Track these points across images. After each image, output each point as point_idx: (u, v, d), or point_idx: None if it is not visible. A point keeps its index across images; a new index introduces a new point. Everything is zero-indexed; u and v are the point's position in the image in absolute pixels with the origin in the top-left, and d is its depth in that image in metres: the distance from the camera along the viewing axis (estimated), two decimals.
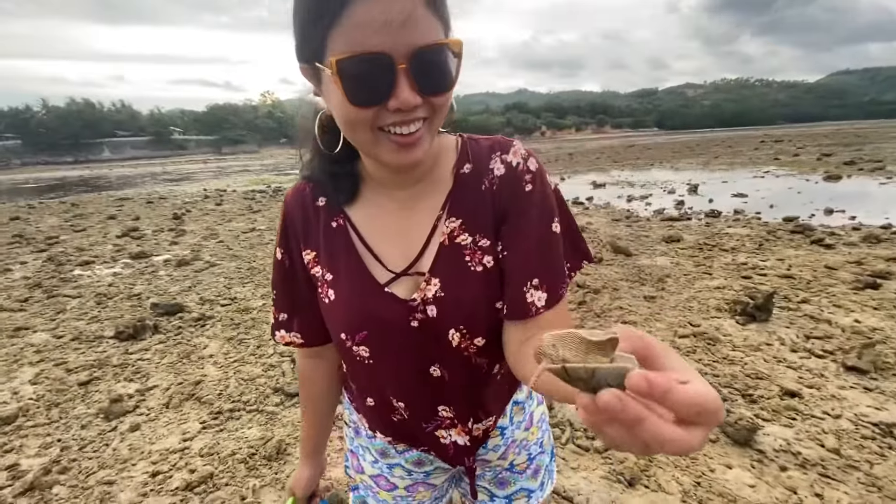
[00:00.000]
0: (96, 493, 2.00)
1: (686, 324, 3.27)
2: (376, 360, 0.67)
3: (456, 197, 0.66)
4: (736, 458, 1.96)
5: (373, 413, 0.77)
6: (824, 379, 2.53)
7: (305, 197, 0.71)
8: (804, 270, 4.29)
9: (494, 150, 0.67)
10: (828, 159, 15.46)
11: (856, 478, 1.84)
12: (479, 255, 0.64)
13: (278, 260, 0.74)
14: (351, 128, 0.56)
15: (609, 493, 1.81)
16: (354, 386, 0.77)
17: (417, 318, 0.64)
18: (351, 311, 0.66)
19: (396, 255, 0.66)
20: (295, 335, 0.77)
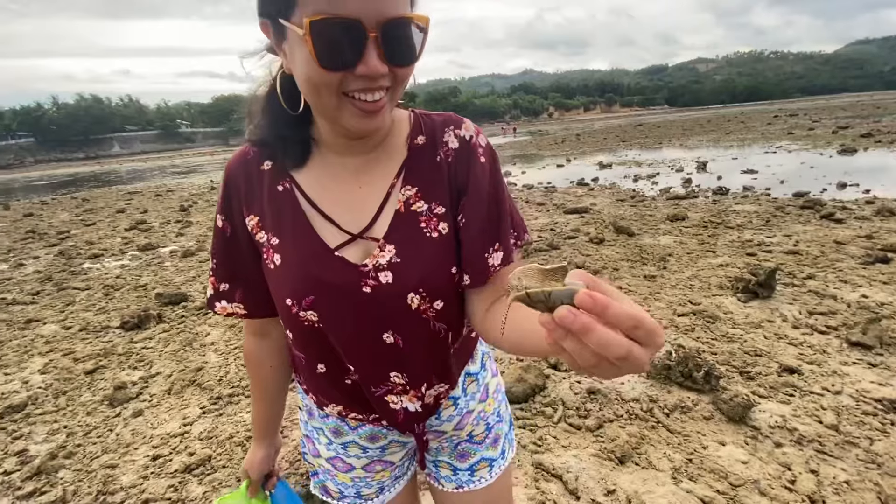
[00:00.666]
0: (99, 476, 2.05)
1: (686, 302, 3.22)
2: (326, 325, 0.66)
3: (411, 166, 0.67)
4: (730, 435, 1.94)
5: (324, 381, 0.75)
6: (826, 355, 2.48)
7: (249, 161, 0.70)
8: (811, 246, 4.19)
9: (447, 124, 0.70)
10: (844, 132, 15.00)
11: (854, 454, 1.81)
12: (435, 222, 0.66)
13: (218, 227, 0.72)
14: (315, 90, 0.55)
15: (599, 470, 1.81)
16: (304, 355, 0.73)
17: (369, 285, 0.64)
18: (297, 274, 0.64)
19: (347, 220, 0.66)
20: (237, 306, 0.74)
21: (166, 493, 1.92)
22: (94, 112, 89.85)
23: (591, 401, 2.25)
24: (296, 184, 0.67)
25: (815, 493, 1.63)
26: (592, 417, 2.12)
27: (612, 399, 2.24)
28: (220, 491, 1.91)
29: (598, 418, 2.11)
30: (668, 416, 2.10)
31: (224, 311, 0.75)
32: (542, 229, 5.73)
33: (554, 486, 1.77)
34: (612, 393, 2.28)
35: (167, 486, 1.95)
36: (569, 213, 6.53)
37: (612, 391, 2.30)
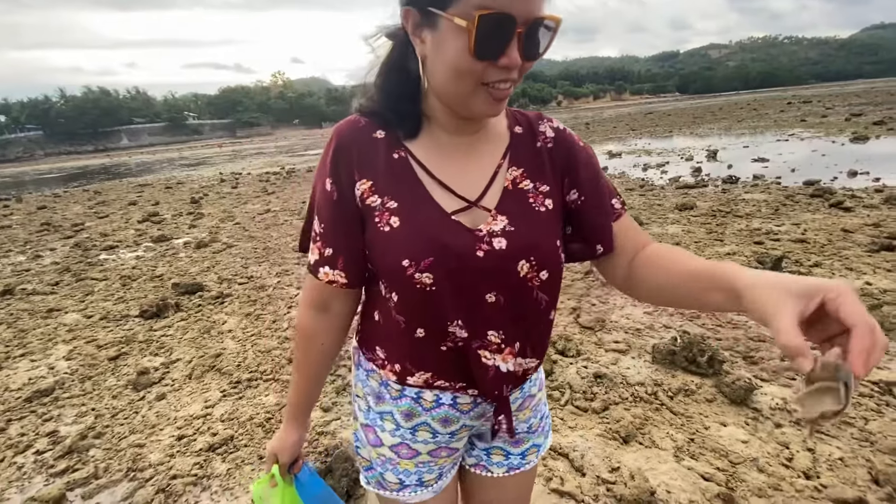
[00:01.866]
0: (128, 454, 2.17)
1: None
2: (439, 286, 0.67)
3: (515, 150, 0.75)
4: (731, 417, 2.01)
5: (420, 346, 0.73)
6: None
7: (361, 129, 0.72)
8: (819, 234, 4.20)
9: (540, 118, 0.79)
10: (857, 120, 14.74)
11: (850, 433, 1.88)
12: (541, 199, 0.73)
13: (327, 191, 0.71)
14: (459, 76, 0.61)
15: (604, 449, 1.89)
16: (404, 318, 0.72)
17: (483, 249, 0.68)
18: (419, 236, 0.67)
19: (462, 188, 0.71)
20: (339, 273, 0.74)
21: (192, 469, 2.03)
22: (102, 104, 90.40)
23: (598, 384, 2.32)
24: (410, 153, 0.71)
25: (810, 470, 1.70)
26: (598, 400, 2.19)
27: (617, 383, 2.31)
28: (242, 468, 2.02)
29: (604, 401, 2.18)
30: (672, 399, 2.16)
31: (326, 277, 0.74)
32: None
33: (561, 464, 1.85)
34: (617, 377, 2.35)
35: (193, 464, 2.06)
36: None
37: (618, 376, 2.37)
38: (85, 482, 2.02)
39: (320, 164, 0.74)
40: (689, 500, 1.62)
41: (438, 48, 0.61)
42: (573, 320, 2.99)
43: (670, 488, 1.67)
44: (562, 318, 3.07)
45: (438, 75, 0.64)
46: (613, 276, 0.79)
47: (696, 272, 0.63)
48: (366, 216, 0.71)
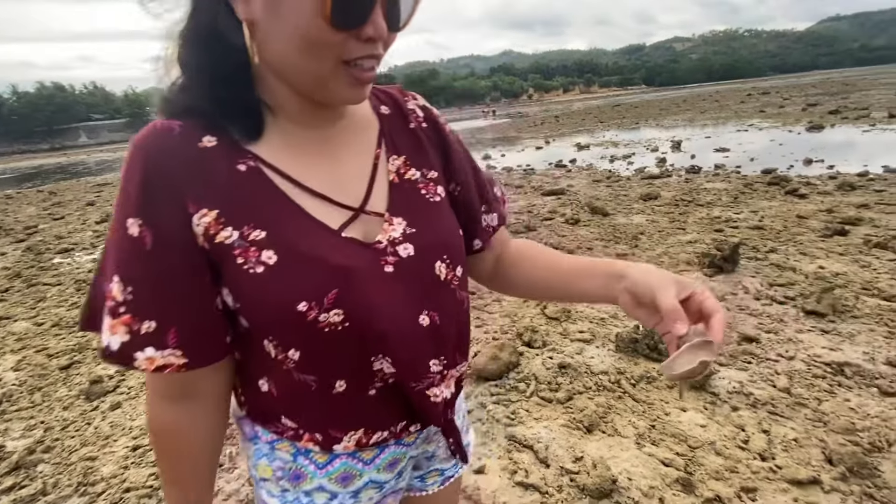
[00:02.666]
0: (79, 468, 2.06)
1: None
2: (355, 323, 0.54)
3: (389, 135, 0.64)
4: (691, 402, 2.06)
5: (343, 402, 0.59)
6: (783, 324, 2.62)
7: (177, 139, 0.51)
8: (775, 221, 4.36)
9: (404, 95, 0.69)
10: (812, 110, 15.39)
11: (803, 414, 1.95)
12: (433, 187, 0.64)
13: (131, 238, 0.50)
14: (310, 51, 0.48)
15: (568, 439, 1.90)
16: (316, 377, 0.57)
17: (391, 262, 0.57)
18: (313, 268, 0.52)
19: (339, 194, 0.57)
20: (172, 354, 0.52)
21: (147, 481, 1.94)
22: (58, 100, 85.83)
23: (562, 375, 2.34)
24: (262, 160, 0.54)
25: (765, 451, 1.75)
26: (563, 390, 2.21)
27: (581, 373, 2.33)
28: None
29: (569, 391, 2.20)
30: (634, 387, 2.20)
31: (152, 364, 0.51)
32: (520, 212, 5.80)
33: (526, 455, 1.86)
34: (581, 367, 2.38)
35: (148, 475, 1.98)
36: (546, 194, 6.61)
37: (583, 365, 2.39)
38: (32, 499, 1.91)
39: (120, 201, 0.51)
40: (649, 487, 1.64)
41: (276, 10, 0.47)
42: (540, 311, 3.01)
43: (632, 475, 1.70)
44: (529, 309, 3.09)
45: (279, 47, 0.49)
46: (480, 271, 0.75)
47: (573, 262, 0.69)
48: (220, 260, 0.52)
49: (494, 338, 2.76)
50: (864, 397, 2.00)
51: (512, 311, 3.11)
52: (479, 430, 2.04)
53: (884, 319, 2.55)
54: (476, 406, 2.19)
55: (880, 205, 4.48)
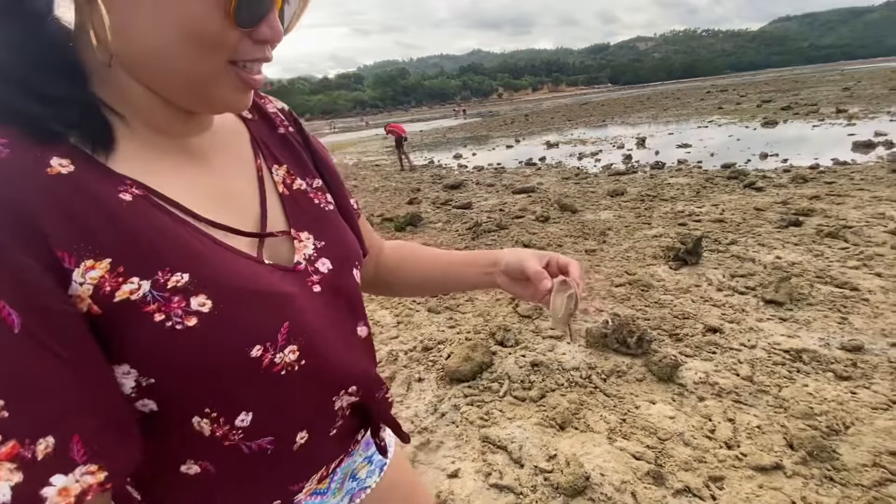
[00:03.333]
0: None
1: (623, 273, 3.39)
2: (309, 358, 0.48)
3: (263, 143, 0.58)
4: (659, 394, 2.09)
5: (303, 453, 0.53)
6: (744, 314, 2.70)
7: (14, 165, 0.36)
8: (735, 213, 4.51)
9: (260, 97, 0.63)
10: (767, 106, 16.12)
11: (765, 401, 2.00)
12: (322, 196, 0.60)
13: (6, 326, 0.33)
14: (203, 50, 0.40)
15: (541, 438, 1.89)
16: (273, 437, 0.49)
17: (315, 281, 0.53)
18: (258, 304, 0.45)
19: (237, 220, 0.50)
20: (86, 472, 0.36)
21: None
22: None
23: (535, 373, 2.33)
24: (143, 185, 0.43)
25: (731, 440, 1.79)
26: (536, 388, 2.20)
27: (553, 370, 2.33)
28: None
29: (541, 388, 2.20)
30: (605, 381, 2.21)
31: (69, 495, 0.34)
32: (491, 210, 5.81)
33: (500, 457, 1.84)
34: (553, 364, 2.38)
35: None
36: (517, 192, 6.65)
37: (555, 362, 2.39)
38: None
39: None
40: (621, 481, 1.65)
41: (162, 6, 0.38)
42: (512, 310, 3.00)
43: (604, 471, 1.70)
44: (501, 307, 3.08)
45: (147, 40, 0.39)
46: (362, 277, 0.72)
47: (451, 255, 0.76)
48: (119, 325, 0.39)
49: (467, 338, 2.73)
50: (822, 382, 2.07)
51: (485, 310, 3.09)
52: (453, 433, 2.01)
53: (836, 306, 2.66)
54: (450, 409, 2.16)
55: (830, 196, 4.70)
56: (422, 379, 2.45)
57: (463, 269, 0.74)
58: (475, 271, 0.72)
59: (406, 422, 2.11)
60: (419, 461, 1.89)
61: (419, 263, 0.77)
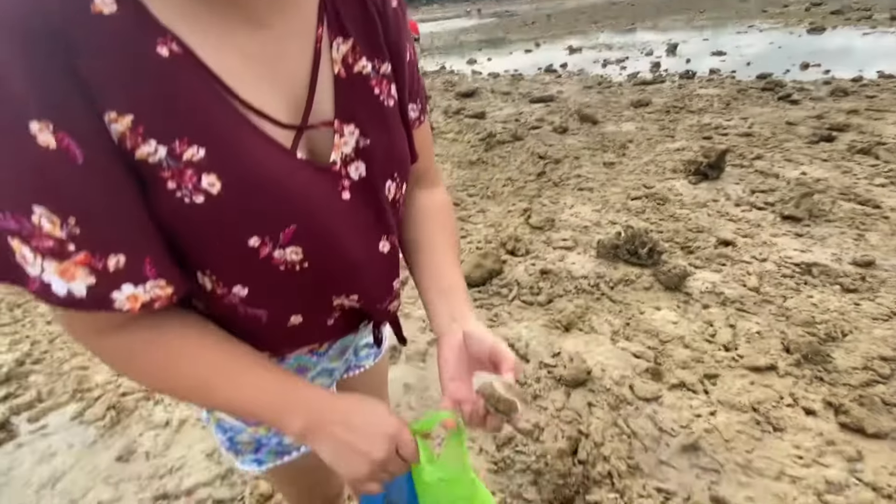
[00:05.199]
0: (73, 377, 2.11)
1: (640, 186, 3.32)
2: (314, 262, 0.48)
3: (332, 7, 0.48)
4: (665, 302, 2.15)
5: (298, 332, 0.56)
6: (760, 228, 2.67)
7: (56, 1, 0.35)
8: (765, 128, 4.27)
9: None
10: (816, 10, 14.46)
11: (768, 310, 2.05)
12: (387, 86, 0.52)
13: (48, 150, 0.35)
14: None
15: (547, 337, 2.00)
16: (267, 311, 0.51)
17: (346, 187, 0.49)
18: (267, 198, 0.43)
19: (279, 100, 0.45)
20: (157, 286, 0.42)
21: (141, 386, 2.01)
22: None
23: (544, 280, 2.39)
24: (184, 45, 0.39)
25: (729, 343, 1.87)
26: (544, 294, 2.27)
27: (562, 278, 2.39)
28: None
29: (549, 294, 2.27)
30: (613, 289, 2.27)
31: (136, 302, 0.41)
32: (506, 120, 5.55)
33: None
34: (562, 272, 2.43)
35: None
36: (534, 102, 6.30)
37: (564, 271, 2.44)
38: (29, 406, 1.97)
39: None
40: (620, 376, 1.76)
41: None
42: (524, 221, 3.00)
43: (605, 367, 1.81)
44: (513, 219, 3.08)
45: None
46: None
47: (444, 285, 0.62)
48: (143, 178, 0.40)
49: (478, 247, 2.77)
50: (827, 294, 2.11)
51: (496, 221, 3.09)
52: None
53: (855, 223, 2.62)
54: None
55: (870, 111, 4.39)
56: None
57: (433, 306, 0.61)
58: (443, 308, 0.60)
59: (418, 321, 2.22)
60: (431, 355, 2.01)
61: (419, 260, 0.65)
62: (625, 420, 1.60)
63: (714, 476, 1.40)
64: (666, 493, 1.36)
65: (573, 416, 1.63)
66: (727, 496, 1.33)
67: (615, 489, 1.38)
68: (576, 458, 1.46)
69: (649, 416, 1.61)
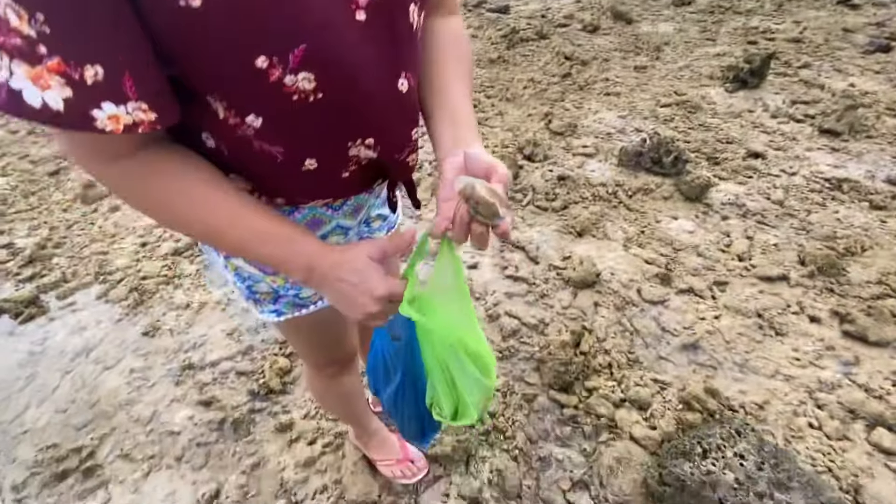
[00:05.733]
0: (94, 261, 2.18)
1: (672, 93, 3.08)
2: (328, 93, 0.45)
3: None
4: (683, 211, 2.09)
5: (311, 179, 0.55)
6: (794, 142, 2.51)
7: None
8: (818, 34, 3.85)
9: None
10: None
11: (789, 224, 2.00)
12: None
13: None
14: None
15: (559, 242, 1.98)
16: (282, 149, 0.49)
17: (361, 6, 0.45)
18: (273, 10, 0.39)
19: None
20: (140, 108, 0.39)
21: (161, 271, 2.07)
22: None
23: (560, 186, 2.32)
24: None
25: (744, 253, 1.85)
26: (559, 200, 2.22)
27: (580, 184, 2.32)
28: (211, 268, 2.07)
29: (565, 200, 2.22)
30: (631, 198, 2.21)
31: (118, 123, 0.39)
32: (531, 16, 5.05)
33: (517, 255, 1.96)
34: (580, 179, 2.35)
35: (161, 266, 2.10)
36: None
37: (582, 178, 2.36)
38: (55, 286, 2.06)
39: None
40: (629, 280, 1.77)
41: None
42: (544, 126, 2.85)
43: (614, 271, 1.82)
44: (532, 123, 2.92)
45: None
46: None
47: (451, 106, 0.58)
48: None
49: (494, 152, 2.66)
50: (853, 210, 2.03)
51: (514, 125, 2.94)
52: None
53: None
54: None
55: None
56: None
57: (446, 132, 0.58)
58: (449, 134, 0.57)
59: (428, 223, 2.21)
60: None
61: (430, 87, 0.60)
62: (629, 320, 1.63)
63: (710, 371, 1.46)
64: (662, 383, 1.43)
65: (578, 314, 1.67)
66: (720, 388, 1.39)
67: (613, 378, 1.45)
68: (578, 349, 1.51)
69: (654, 317, 1.64)
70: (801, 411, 1.34)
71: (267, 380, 1.52)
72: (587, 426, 1.33)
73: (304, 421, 1.41)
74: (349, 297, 0.52)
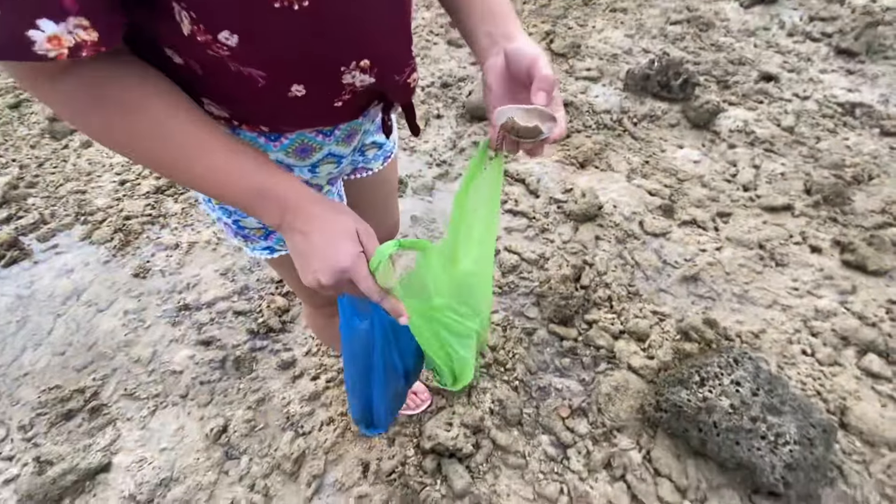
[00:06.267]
0: (71, 200, 2.07)
1: (683, 9, 2.85)
2: (324, 10, 0.40)
3: None
4: (689, 140, 2.01)
5: (301, 106, 0.49)
6: (809, 63, 2.37)
7: None
8: None
9: None
10: None
11: (798, 151, 1.93)
12: None
13: None
14: None
15: (560, 174, 1.91)
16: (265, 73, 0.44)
17: None
18: None
19: None
20: (80, 24, 0.33)
21: (145, 210, 1.98)
22: None
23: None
24: None
25: (749, 183, 1.80)
26: None
27: (583, 111, 2.19)
28: (196, 206, 1.98)
29: (567, 129, 2.10)
30: (636, 125, 2.11)
31: (60, 45, 0.33)
32: None
33: (517, 188, 1.89)
34: (584, 106, 2.22)
35: (144, 205, 2.00)
36: None
37: (585, 104, 2.23)
38: (34, 227, 1.97)
39: None
40: (632, 212, 1.73)
41: None
42: (546, 46, 2.64)
43: (617, 203, 1.77)
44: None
45: None
46: None
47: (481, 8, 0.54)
48: None
49: None
50: (864, 136, 1.96)
51: None
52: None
53: None
54: (469, 144, 2.12)
55: None
56: (441, 115, 2.33)
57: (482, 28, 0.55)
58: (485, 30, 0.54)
59: (425, 155, 2.10)
60: (438, 189, 1.95)
61: None
62: (630, 253, 1.61)
63: (709, 303, 1.47)
64: (661, 315, 1.44)
65: (579, 248, 1.64)
66: (718, 319, 1.40)
67: (613, 311, 1.46)
68: (578, 283, 1.50)
69: (655, 249, 1.62)
70: (795, 339, 1.36)
71: (266, 319, 1.50)
72: (586, 357, 1.36)
73: (307, 358, 1.42)
74: (305, 256, 0.46)
